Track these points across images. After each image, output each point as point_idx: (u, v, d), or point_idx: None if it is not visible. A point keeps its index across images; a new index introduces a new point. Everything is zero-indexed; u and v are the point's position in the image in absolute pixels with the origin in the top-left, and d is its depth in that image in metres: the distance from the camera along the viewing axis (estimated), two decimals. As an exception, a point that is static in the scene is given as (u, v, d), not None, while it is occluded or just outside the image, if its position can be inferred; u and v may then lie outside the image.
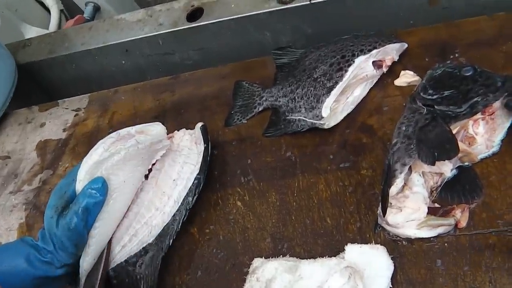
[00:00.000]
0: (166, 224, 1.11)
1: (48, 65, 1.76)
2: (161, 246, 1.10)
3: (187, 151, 1.18)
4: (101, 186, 1.02)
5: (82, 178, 1.04)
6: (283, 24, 1.48)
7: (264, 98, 1.25)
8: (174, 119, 1.35)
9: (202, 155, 1.16)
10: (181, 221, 1.11)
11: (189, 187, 1.13)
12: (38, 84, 1.84)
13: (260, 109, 1.27)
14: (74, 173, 1.06)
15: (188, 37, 1.57)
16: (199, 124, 1.20)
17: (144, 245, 1.10)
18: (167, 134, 1.20)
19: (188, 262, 1.12)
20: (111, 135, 1.09)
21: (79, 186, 1.04)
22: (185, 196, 1.12)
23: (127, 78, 1.70)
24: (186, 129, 1.23)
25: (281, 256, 1.03)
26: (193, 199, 1.12)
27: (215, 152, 1.25)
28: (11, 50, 1.77)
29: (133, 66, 1.70)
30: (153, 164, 1.16)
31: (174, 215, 1.11)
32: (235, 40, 1.55)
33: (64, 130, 1.56)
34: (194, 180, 1.13)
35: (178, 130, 1.23)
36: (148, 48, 1.63)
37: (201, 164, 1.15)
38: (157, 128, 1.14)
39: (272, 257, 1.03)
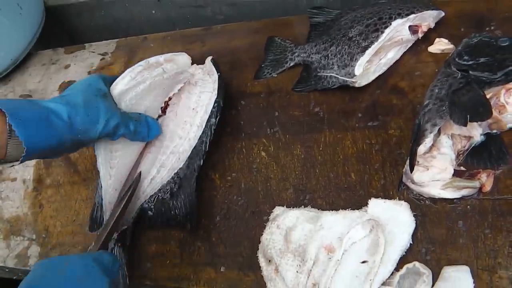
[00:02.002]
0: (194, 147, 1.13)
1: (77, 9, 1.77)
2: (193, 168, 1.12)
3: (201, 82, 1.20)
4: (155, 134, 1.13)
5: None
6: (319, -15, 1.48)
7: (296, 54, 1.26)
8: (203, 69, 1.36)
9: (217, 82, 1.18)
10: (208, 142, 1.13)
11: (210, 111, 1.15)
12: (64, 28, 1.85)
13: (291, 64, 1.27)
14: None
15: (223, -9, 1.57)
16: (209, 58, 1.22)
17: (176, 170, 1.13)
18: None
19: (207, 207, 1.14)
20: (140, 63, 1.11)
21: None
22: (207, 119, 1.14)
23: (156, 29, 1.70)
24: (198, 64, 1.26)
25: (303, 206, 1.05)
26: (216, 120, 1.14)
27: (242, 102, 1.26)
28: (40, -8, 1.77)
29: (163, 17, 1.70)
30: (170, 99, 1.19)
31: (200, 137, 1.13)
32: (269, -3, 1.55)
33: (89, 72, 1.56)
34: (214, 103, 1.15)
35: (188, 68, 1.24)
36: (181, -1, 1.63)
37: (217, 90, 1.17)
38: (184, 58, 1.17)
39: (293, 207, 1.05)
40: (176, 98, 1.19)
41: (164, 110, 1.19)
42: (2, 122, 0.87)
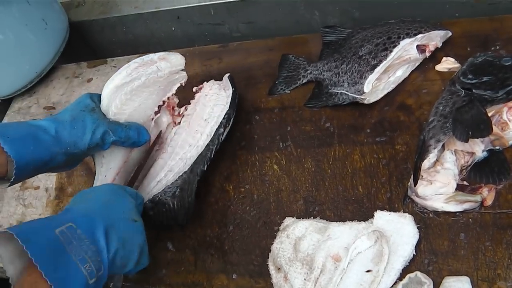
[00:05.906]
0: (200, 153, 1.18)
1: (99, 25, 1.81)
2: (196, 171, 1.17)
3: (216, 96, 1.26)
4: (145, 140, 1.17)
5: (104, 103, 1.13)
6: (332, 5, 1.52)
7: (308, 71, 1.31)
8: (220, 84, 1.41)
9: (231, 97, 1.24)
10: (214, 150, 1.19)
11: (220, 121, 1.21)
12: (87, 44, 1.89)
13: (304, 81, 1.32)
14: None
15: (240, 9, 1.62)
16: (226, 75, 1.29)
17: (180, 174, 1.18)
18: (197, 86, 1.29)
19: (221, 217, 1.18)
20: (135, 60, 1.16)
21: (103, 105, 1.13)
22: (216, 128, 1.20)
23: (175, 45, 1.75)
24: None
25: (312, 218, 1.09)
26: (224, 130, 1.21)
27: (256, 117, 1.31)
28: (65, 8, 1.82)
29: (183, 33, 1.75)
30: (185, 109, 1.27)
31: (207, 145, 1.19)
32: (284, 16, 1.60)
33: (110, 86, 1.61)
34: (225, 115, 1.22)
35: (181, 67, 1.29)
36: (199, 17, 1.67)
37: (230, 103, 1.23)
38: (177, 57, 1.22)
39: (303, 218, 1.09)
40: (191, 109, 1.24)
41: (174, 122, 1.26)
42: None
